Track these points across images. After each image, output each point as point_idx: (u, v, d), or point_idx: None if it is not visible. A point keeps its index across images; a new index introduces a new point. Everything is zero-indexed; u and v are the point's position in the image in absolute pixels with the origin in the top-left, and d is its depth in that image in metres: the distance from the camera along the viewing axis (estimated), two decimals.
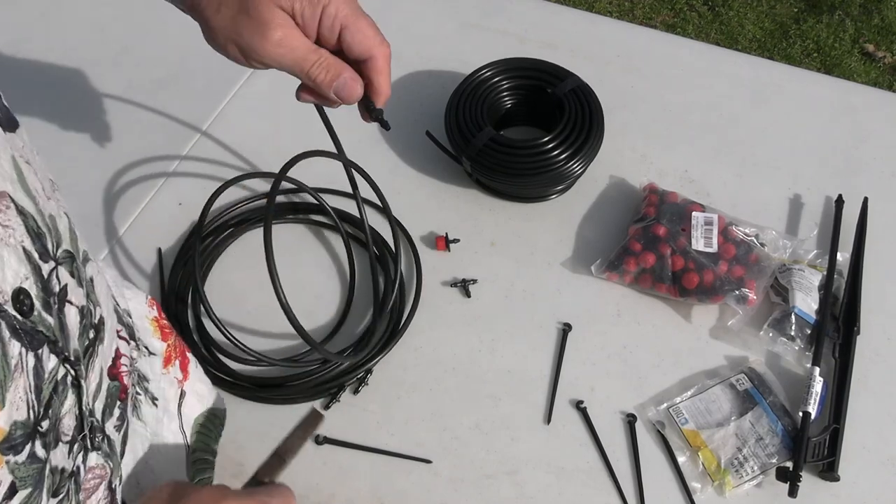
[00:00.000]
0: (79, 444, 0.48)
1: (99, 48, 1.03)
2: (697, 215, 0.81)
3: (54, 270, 0.45)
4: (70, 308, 0.47)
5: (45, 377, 0.43)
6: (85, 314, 0.49)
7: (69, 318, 0.46)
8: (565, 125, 0.85)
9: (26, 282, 0.41)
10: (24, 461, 0.41)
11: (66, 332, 0.46)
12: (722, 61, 1.00)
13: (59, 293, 0.45)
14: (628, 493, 0.70)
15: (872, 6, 2.33)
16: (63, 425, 0.45)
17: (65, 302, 0.46)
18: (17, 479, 0.40)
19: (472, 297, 0.81)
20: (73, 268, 0.48)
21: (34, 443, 0.41)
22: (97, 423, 0.51)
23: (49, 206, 0.46)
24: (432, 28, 1.04)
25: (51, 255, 0.45)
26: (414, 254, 0.83)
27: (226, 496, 0.51)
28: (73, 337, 0.47)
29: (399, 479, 0.71)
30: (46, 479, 0.44)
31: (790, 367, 0.76)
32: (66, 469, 0.47)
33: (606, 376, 0.76)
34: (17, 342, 0.39)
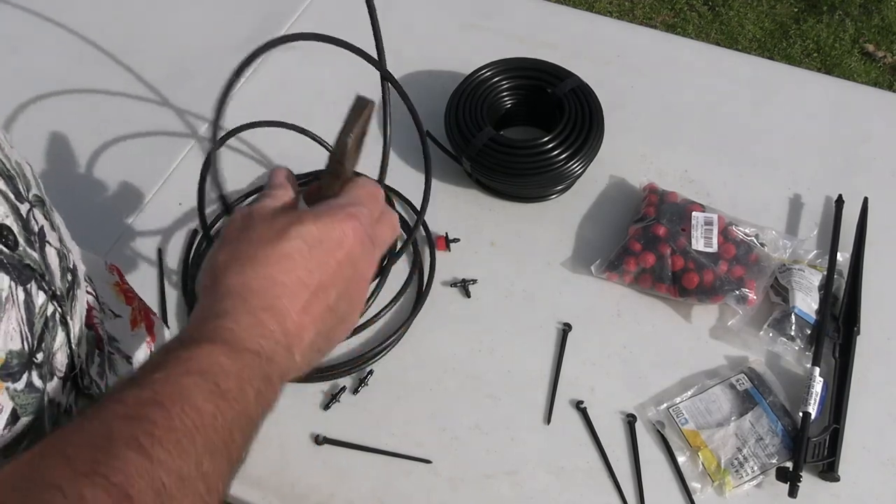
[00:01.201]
0: (70, 382, 0.49)
1: (99, 48, 1.03)
2: (697, 215, 0.81)
3: (30, 212, 0.47)
4: (50, 249, 0.48)
5: (36, 312, 0.44)
6: (62, 257, 0.50)
7: (50, 257, 0.48)
8: (565, 125, 0.85)
9: (7, 219, 0.43)
10: (22, 389, 0.43)
11: (51, 270, 0.47)
12: (722, 61, 1.00)
13: (38, 233, 0.47)
14: (628, 493, 0.70)
15: (872, 6, 2.33)
16: (56, 360, 0.47)
17: (44, 242, 0.48)
18: (18, 406, 0.43)
19: (472, 297, 0.81)
20: (44, 211, 0.50)
21: (31, 373, 0.44)
22: (84, 367, 0.52)
23: (13, 154, 0.48)
24: (432, 28, 1.04)
25: (24, 197, 0.47)
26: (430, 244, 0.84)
27: (301, 220, 0.46)
28: (56, 276, 0.48)
29: (399, 479, 0.71)
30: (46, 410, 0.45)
31: (790, 367, 0.76)
32: (62, 404, 0.48)
33: (606, 376, 0.76)
34: (6, 275, 0.41)
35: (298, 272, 0.45)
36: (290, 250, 0.45)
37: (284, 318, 0.45)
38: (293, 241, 0.45)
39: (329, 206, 0.48)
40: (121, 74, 1.00)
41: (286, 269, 0.45)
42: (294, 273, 0.45)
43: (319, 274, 0.46)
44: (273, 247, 0.45)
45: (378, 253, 0.51)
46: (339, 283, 0.48)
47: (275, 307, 0.44)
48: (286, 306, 0.45)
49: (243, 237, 0.46)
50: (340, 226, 0.47)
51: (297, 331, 0.45)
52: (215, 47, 1.02)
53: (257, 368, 0.42)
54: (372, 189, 0.51)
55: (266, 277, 0.44)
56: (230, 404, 0.40)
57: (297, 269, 0.45)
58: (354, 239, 0.48)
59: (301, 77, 0.99)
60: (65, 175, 0.91)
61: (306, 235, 0.46)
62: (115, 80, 1.00)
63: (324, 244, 0.46)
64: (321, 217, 0.47)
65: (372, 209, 0.50)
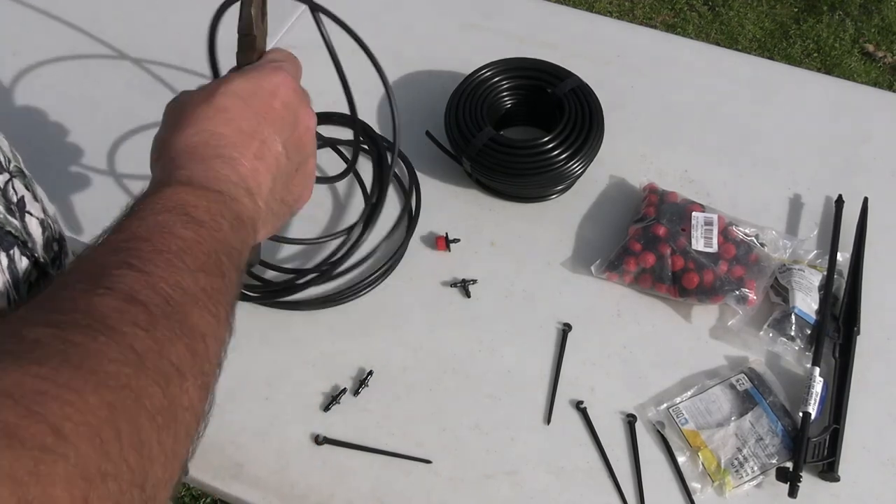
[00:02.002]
0: None
1: (99, 48, 1.03)
2: (697, 215, 0.81)
3: (10, 182, 0.48)
4: (31, 218, 0.49)
5: (21, 277, 0.45)
6: (46, 227, 0.51)
7: (31, 226, 0.49)
8: (565, 125, 0.85)
9: None
10: None
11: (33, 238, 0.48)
12: (722, 61, 1.00)
13: (18, 203, 0.48)
14: (628, 493, 0.70)
15: (872, 6, 2.33)
16: None
17: (24, 212, 0.49)
18: None
19: (472, 297, 0.81)
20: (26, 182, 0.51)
21: None
22: None
23: None
24: (432, 28, 1.04)
25: (4, 168, 0.48)
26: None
27: (230, 78, 0.49)
28: (39, 245, 0.49)
29: (399, 479, 0.71)
30: None
31: (790, 367, 0.76)
32: None
33: (606, 376, 0.76)
34: None
35: (238, 122, 0.47)
36: (224, 104, 0.47)
37: (236, 164, 0.46)
38: (226, 96, 0.48)
39: (253, 65, 0.51)
40: (122, 73, 1.00)
41: (224, 121, 0.47)
42: (234, 123, 0.47)
43: (259, 121, 0.48)
44: (207, 104, 0.47)
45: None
46: (283, 130, 0.50)
47: (222, 156, 0.46)
48: (233, 155, 0.46)
49: (177, 110, 0.48)
50: (269, 77, 0.50)
51: (253, 175, 0.47)
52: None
53: (225, 205, 0.44)
54: (287, 52, 0.54)
55: (206, 131, 0.46)
56: (208, 231, 0.41)
57: (235, 119, 0.47)
58: (286, 88, 0.50)
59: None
60: (65, 175, 0.91)
61: (237, 89, 0.48)
62: (115, 79, 1.00)
63: (257, 95, 0.49)
64: (248, 73, 0.50)
65: (294, 66, 0.53)
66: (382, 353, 0.78)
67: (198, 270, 0.39)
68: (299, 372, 0.77)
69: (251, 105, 0.48)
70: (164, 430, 0.33)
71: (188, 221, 0.41)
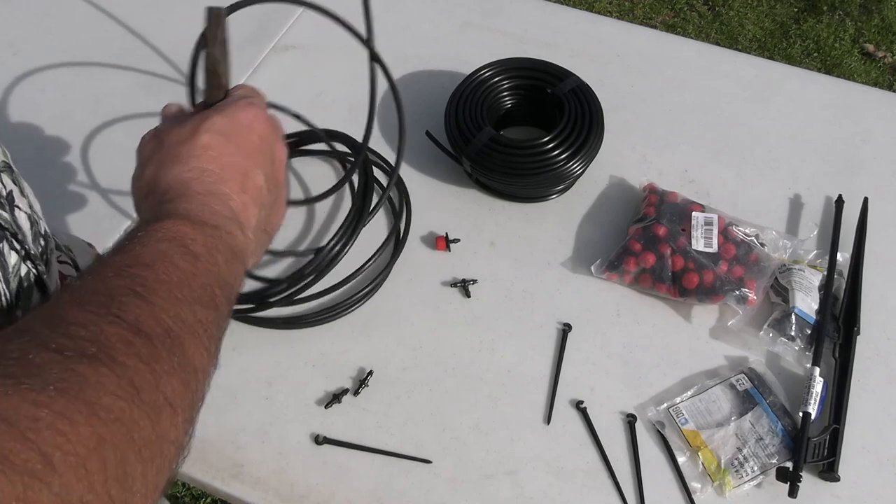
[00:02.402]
0: None
1: (99, 48, 1.03)
2: (697, 215, 0.81)
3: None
4: (20, 212, 0.50)
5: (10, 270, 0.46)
6: (34, 222, 0.52)
7: (21, 220, 0.50)
8: (565, 125, 0.85)
9: None
10: None
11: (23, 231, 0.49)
12: (722, 61, 1.00)
13: (7, 196, 0.49)
14: (628, 493, 0.70)
15: (872, 6, 2.33)
16: None
17: (13, 206, 0.49)
18: None
19: (472, 297, 0.81)
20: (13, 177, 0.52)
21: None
22: None
23: None
24: (432, 28, 1.04)
25: None
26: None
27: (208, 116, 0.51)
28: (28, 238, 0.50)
29: (399, 479, 0.71)
30: None
31: (790, 367, 0.76)
32: None
33: (606, 376, 0.76)
34: None
35: (224, 159, 0.49)
36: (208, 142, 0.49)
37: (227, 199, 0.48)
38: (208, 134, 0.49)
39: (225, 102, 0.53)
40: (121, 75, 1.00)
41: (211, 158, 0.49)
42: (219, 160, 0.49)
43: (242, 157, 0.50)
44: (192, 143, 0.49)
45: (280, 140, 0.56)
46: (263, 164, 0.52)
47: (214, 192, 0.48)
48: (224, 190, 0.48)
49: (159, 148, 0.50)
50: (244, 113, 0.52)
51: (243, 209, 0.49)
52: None
53: (220, 239, 0.45)
54: (252, 87, 0.56)
55: (196, 168, 0.48)
56: (204, 265, 0.43)
57: (220, 157, 0.49)
58: (260, 122, 0.52)
59: (300, 78, 0.99)
60: (65, 174, 0.91)
61: (218, 127, 0.50)
62: (115, 80, 1.00)
63: (236, 131, 0.51)
64: (224, 109, 0.51)
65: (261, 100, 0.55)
66: (382, 353, 0.78)
67: (195, 303, 0.40)
68: (299, 372, 0.77)
69: (232, 141, 0.50)
70: (148, 463, 0.34)
71: (186, 254, 0.42)
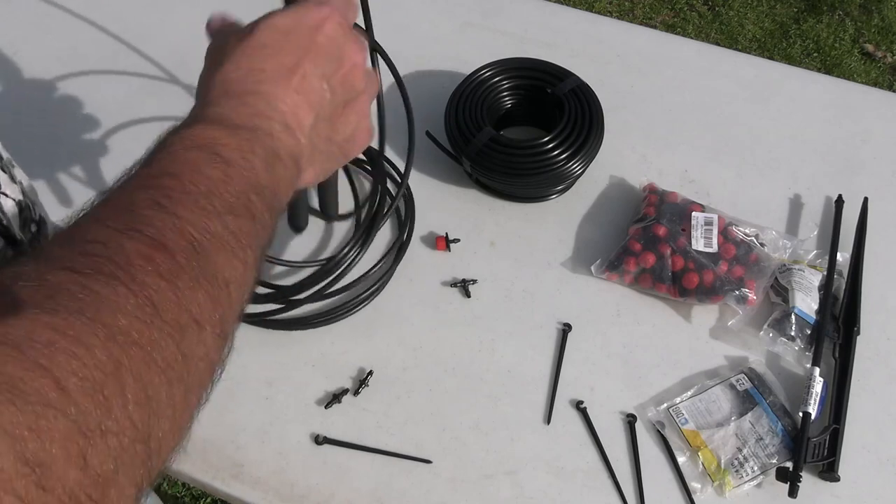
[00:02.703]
0: None
1: (99, 48, 1.03)
2: (697, 215, 0.81)
3: None
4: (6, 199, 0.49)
5: None
6: (23, 208, 0.51)
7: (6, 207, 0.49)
8: (565, 125, 0.85)
9: None
10: None
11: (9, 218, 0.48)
12: (722, 61, 1.00)
13: None
14: (628, 493, 0.70)
15: (872, 6, 2.33)
16: None
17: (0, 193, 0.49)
18: None
19: (472, 297, 0.81)
20: (2, 165, 0.51)
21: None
22: None
23: None
24: (432, 28, 1.04)
25: None
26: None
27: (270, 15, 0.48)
28: (14, 226, 0.49)
29: (399, 479, 0.71)
30: None
31: (790, 367, 0.76)
32: None
33: (606, 376, 0.76)
34: None
35: (278, 57, 0.47)
36: (263, 40, 0.47)
37: (273, 99, 0.46)
38: (265, 31, 0.47)
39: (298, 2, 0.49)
40: (122, 73, 1.00)
41: (263, 57, 0.46)
42: (273, 59, 0.46)
43: (300, 56, 0.47)
44: (247, 41, 0.47)
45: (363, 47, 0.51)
46: (326, 65, 0.48)
47: (259, 91, 0.45)
48: (271, 90, 0.46)
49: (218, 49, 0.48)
50: (312, 12, 0.48)
51: (293, 110, 0.46)
52: None
53: (258, 142, 0.43)
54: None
55: (243, 67, 0.46)
56: (237, 170, 0.41)
57: (275, 55, 0.47)
58: (331, 23, 0.48)
59: None
60: (65, 174, 0.91)
61: (278, 24, 0.47)
62: (116, 78, 1.00)
63: (299, 29, 0.47)
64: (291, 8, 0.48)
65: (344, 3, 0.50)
66: (382, 353, 0.78)
67: (226, 213, 0.39)
68: (299, 372, 0.77)
69: (291, 40, 0.47)
70: (175, 384, 0.33)
71: (216, 160, 0.40)
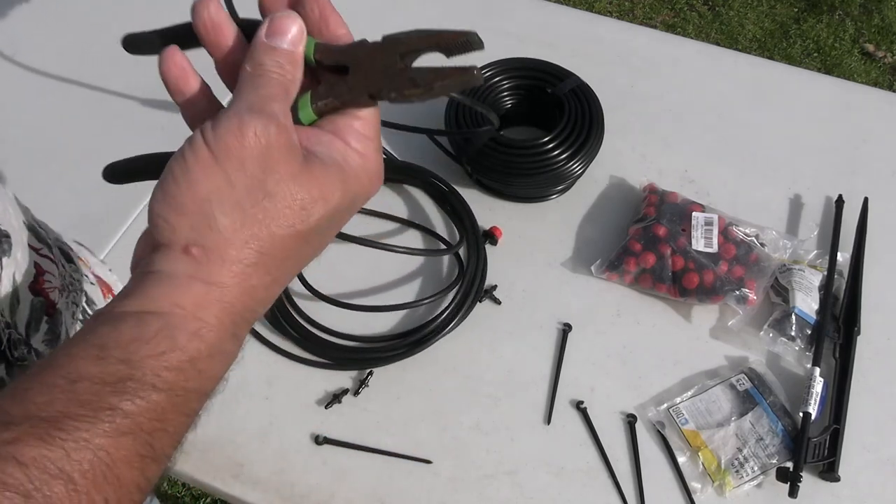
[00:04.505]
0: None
1: (99, 48, 1.03)
2: (697, 215, 0.81)
3: None
4: None
5: None
6: None
7: None
8: (565, 125, 0.85)
9: None
10: None
11: None
12: (722, 61, 1.00)
13: None
14: (628, 493, 0.70)
15: (872, 6, 2.33)
16: None
17: None
18: None
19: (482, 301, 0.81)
20: None
21: None
22: (19, 336, 0.51)
23: None
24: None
25: None
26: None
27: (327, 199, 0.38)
28: None
29: (399, 479, 0.71)
30: None
31: (790, 367, 0.76)
32: None
33: (606, 376, 0.76)
34: None
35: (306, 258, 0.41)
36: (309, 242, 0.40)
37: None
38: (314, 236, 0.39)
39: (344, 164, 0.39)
40: (121, 74, 1.00)
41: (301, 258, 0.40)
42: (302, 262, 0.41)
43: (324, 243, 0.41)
44: (300, 244, 0.39)
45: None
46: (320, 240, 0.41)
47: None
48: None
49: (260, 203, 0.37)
50: (371, 177, 0.40)
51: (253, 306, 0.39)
52: None
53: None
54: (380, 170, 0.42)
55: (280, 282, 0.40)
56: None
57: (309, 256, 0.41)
58: (378, 182, 0.42)
59: None
60: (65, 175, 0.91)
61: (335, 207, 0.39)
62: (115, 79, 1.00)
63: (351, 208, 0.41)
64: (347, 188, 0.39)
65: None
66: None
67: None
68: (299, 372, 0.77)
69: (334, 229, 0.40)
70: None
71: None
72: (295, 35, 0.39)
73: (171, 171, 0.37)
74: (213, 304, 0.36)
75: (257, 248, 0.37)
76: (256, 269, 0.37)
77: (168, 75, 0.43)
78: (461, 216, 0.84)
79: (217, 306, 0.36)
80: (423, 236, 0.86)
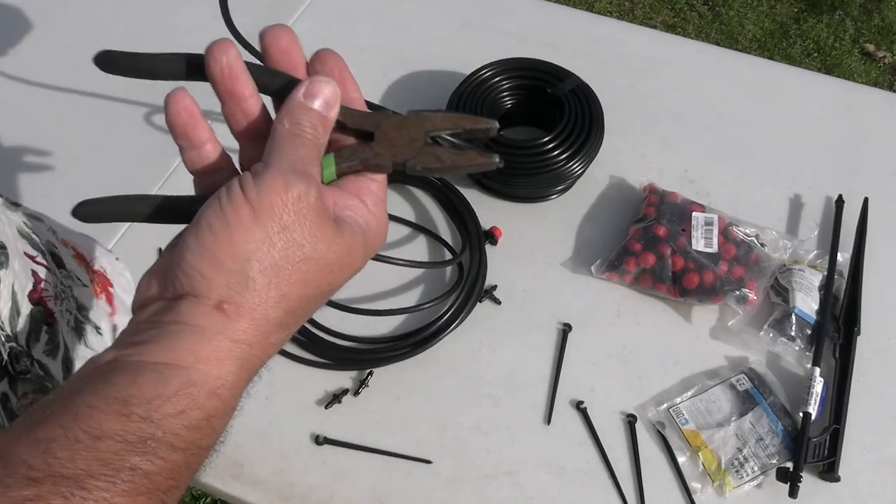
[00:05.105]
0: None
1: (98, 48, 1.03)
2: (697, 215, 0.81)
3: None
4: None
5: None
6: None
7: None
8: (565, 125, 0.85)
9: None
10: None
11: None
12: (722, 61, 1.00)
13: None
14: (628, 493, 0.70)
15: (872, 6, 2.33)
16: None
17: None
18: None
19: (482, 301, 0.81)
20: None
21: None
22: (20, 348, 0.51)
23: None
24: (432, 28, 1.04)
25: None
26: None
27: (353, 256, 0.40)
28: None
29: (399, 479, 0.71)
30: None
31: (790, 367, 0.76)
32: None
33: (606, 376, 0.76)
34: None
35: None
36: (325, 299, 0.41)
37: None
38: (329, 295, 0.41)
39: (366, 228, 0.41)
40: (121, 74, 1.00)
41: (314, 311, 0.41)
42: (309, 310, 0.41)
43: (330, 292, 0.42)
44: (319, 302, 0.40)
45: None
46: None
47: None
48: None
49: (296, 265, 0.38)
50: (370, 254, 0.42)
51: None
52: None
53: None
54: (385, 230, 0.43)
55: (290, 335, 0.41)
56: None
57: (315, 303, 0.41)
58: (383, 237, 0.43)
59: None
60: (65, 175, 0.91)
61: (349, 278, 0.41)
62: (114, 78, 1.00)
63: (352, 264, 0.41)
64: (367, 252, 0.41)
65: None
66: None
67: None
68: (299, 372, 0.77)
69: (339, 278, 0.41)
70: None
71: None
72: (331, 99, 0.40)
73: (209, 224, 0.37)
74: (234, 362, 0.37)
75: (285, 308, 0.38)
76: (278, 327, 0.38)
77: (176, 120, 0.42)
78: (463, 217, 0.84)
79: (237, 363, 0.37)
80: (425, 238, 0.86)
